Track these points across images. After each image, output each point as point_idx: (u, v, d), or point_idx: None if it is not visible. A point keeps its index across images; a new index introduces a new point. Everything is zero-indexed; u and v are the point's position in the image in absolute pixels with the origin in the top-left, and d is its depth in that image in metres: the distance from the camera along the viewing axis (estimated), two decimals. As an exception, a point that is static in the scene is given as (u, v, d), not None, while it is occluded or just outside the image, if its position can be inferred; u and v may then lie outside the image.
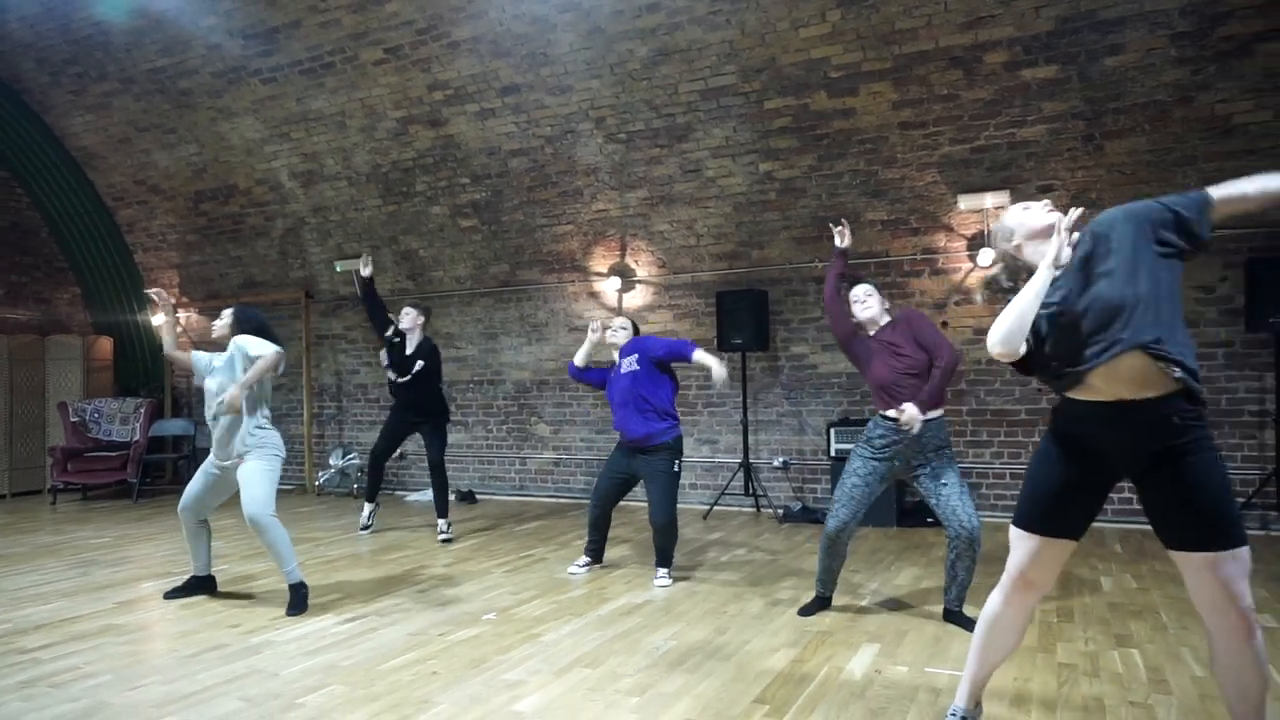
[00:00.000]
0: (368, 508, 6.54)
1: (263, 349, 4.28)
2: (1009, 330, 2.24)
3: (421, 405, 6.24)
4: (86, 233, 9.99)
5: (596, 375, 5.09)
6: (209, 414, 4.38)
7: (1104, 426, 2.22)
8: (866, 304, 3.94)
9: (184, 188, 9.27)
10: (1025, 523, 2.38)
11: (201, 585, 4.60)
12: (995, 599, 2.47)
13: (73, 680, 3.28)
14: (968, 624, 3.65)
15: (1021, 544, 2.39)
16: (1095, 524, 6.08)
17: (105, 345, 9.96)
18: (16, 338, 9.17)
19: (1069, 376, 2.24)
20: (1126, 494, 6.09)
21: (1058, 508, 2.33)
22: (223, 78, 7.93)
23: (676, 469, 4.78)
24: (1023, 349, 2.26)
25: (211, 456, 4.42)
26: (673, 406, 4.84)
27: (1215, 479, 2.14)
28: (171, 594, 4.56)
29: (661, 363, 4.83)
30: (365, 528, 6.48)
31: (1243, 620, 2.09)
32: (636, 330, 5.13)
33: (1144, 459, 2.21)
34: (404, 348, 6.24)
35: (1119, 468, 2.28)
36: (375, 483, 6.49)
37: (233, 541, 6.03)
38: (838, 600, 4.21)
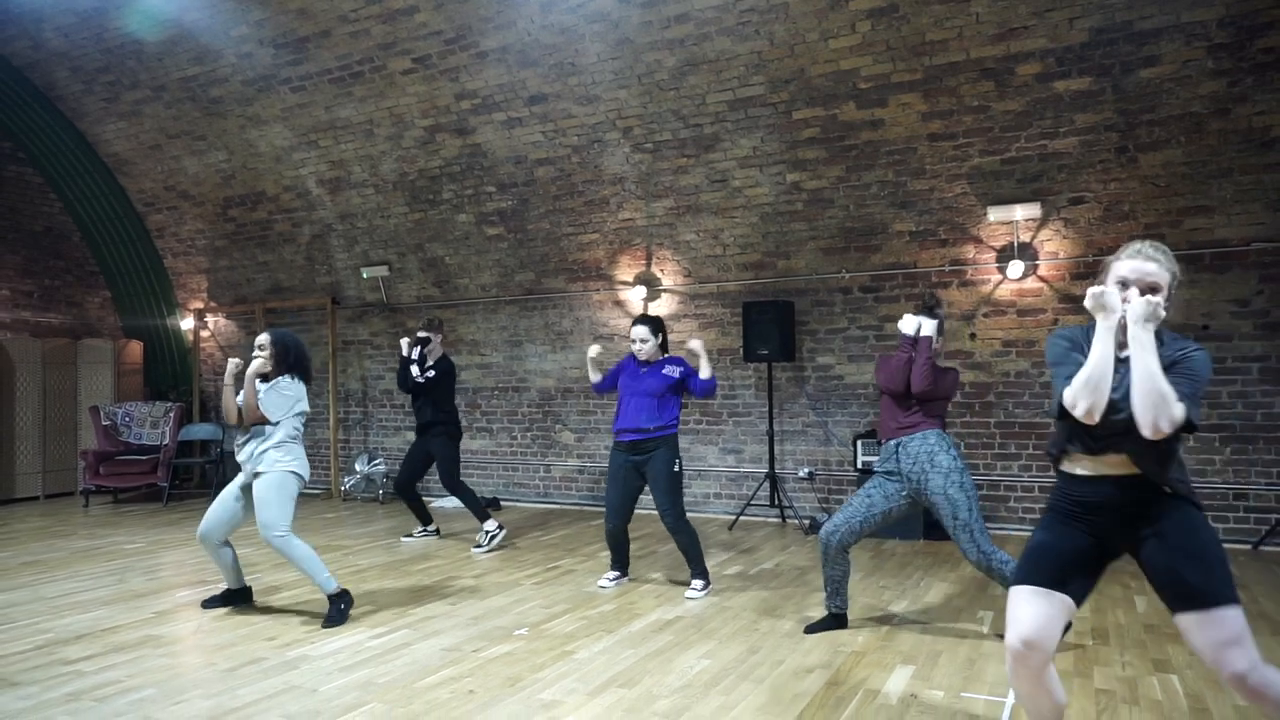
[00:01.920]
0: (421, 529, 6.60)
1: (278, 409, 4.42)
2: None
3: (432, 411, 6.25)
4: (117, 238, 10.13)
5: (613, 380, 5.14)
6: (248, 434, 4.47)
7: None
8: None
9: (213, 194, 9.37)
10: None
11: (236, 596, 4.65)
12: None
13: (116, 694, 3.34)
14: None
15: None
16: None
17: (135, 349, 10.09)
18: (49, 341, 9.30)
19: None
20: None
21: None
22: (253, 86, 8.01)
23: (677, 468, 4.83)
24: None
25: (238, 478, 4.47)
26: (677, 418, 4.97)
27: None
28: (209, 603, 4.62)
29: (682, 387, 4.93)
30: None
31: (1235, 685, 2.09)
32: (659, 327, 5.00)
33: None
34: (424, 358, 6.32)
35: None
36: (417, 508, 6.48)
37: (263, 548, 6.09)
38: (869, 616, 4.21)
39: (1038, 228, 6.33)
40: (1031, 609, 2.28)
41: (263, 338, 4.56)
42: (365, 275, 8.93)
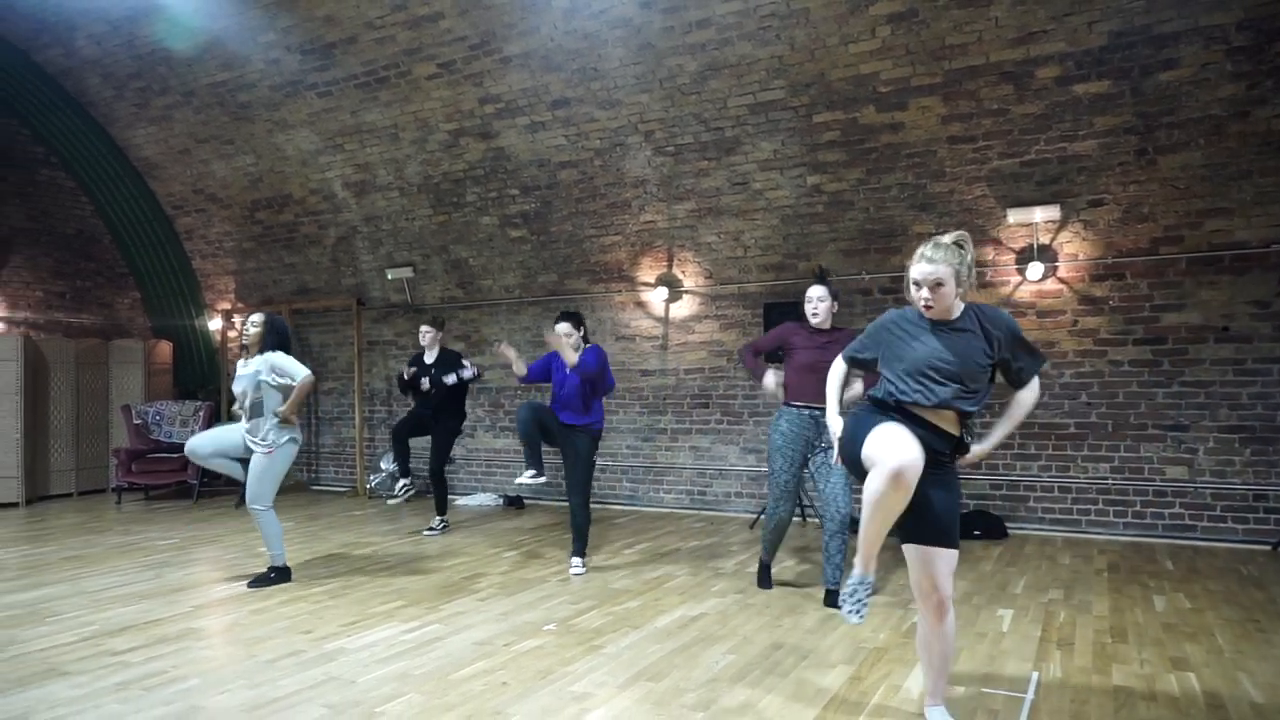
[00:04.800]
0: (403, 482, 6.95)
1: (299, 372, 5.09)
2: None
3: (439, 404, 6.82)
4: (147, 240, 10.33)
5: (542, 372, 5.54)
6: (241, 413, 5.19)
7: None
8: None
9: (240, 197, 9.55)
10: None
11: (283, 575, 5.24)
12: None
13: (163, 684, 3.47)
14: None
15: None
16: (1145, 539, 6.06)
17: (165, 349, 10.28)
18: (81, 341, 9.51)
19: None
20: (1178, 509, 6.08)
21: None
22: (280, 91, 8.16)
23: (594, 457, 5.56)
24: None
25: (245, 432, 5.15)
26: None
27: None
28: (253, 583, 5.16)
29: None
30: (393, 497, 7.42)
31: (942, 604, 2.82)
32: (580, 321, 5.49)
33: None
34: (424, 366, 6.88)
35: None
36: (402, 455, 6.98)
37: (293, 547, 6.24)
38: (890, 615, 4.28)
39: (1057, 230, 6.37)
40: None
41: (256, 317, 5.25)
42: (390, 277, 9.08)
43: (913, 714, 3.07)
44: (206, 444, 5.13)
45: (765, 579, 4.93)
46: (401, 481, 6.91)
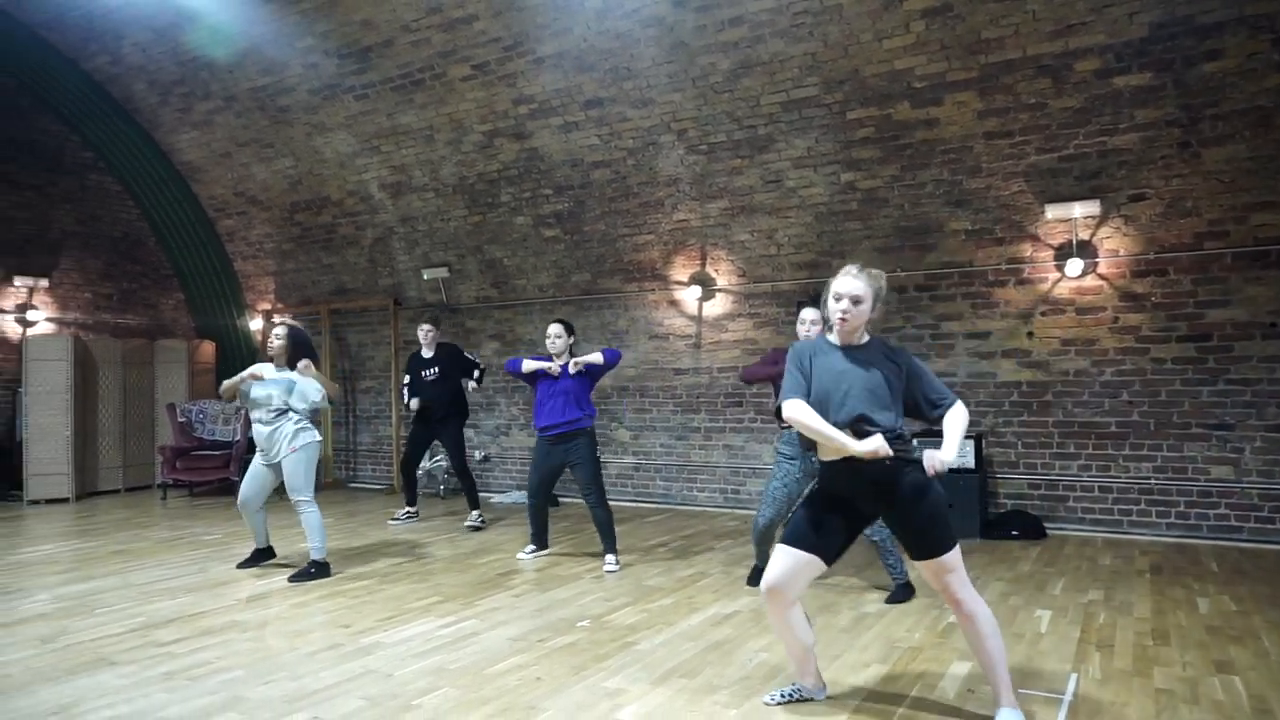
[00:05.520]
0: (406, 510, 7.30)
1: (317, 397, 5.36)
2: None
3: (441, 401, 7.01)
4: (190, 242, 10.57)
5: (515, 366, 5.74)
6: (254, 414, 5.31)
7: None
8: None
9: (280, 199, 9.72)
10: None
11: (263, 555, 5.61)
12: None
13: (208, 674, 3.56)
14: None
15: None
16: (1189, 540, 5.96)
17: (208, 349, 10.51)
18: (128, 342, 9.75)
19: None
20: (1224, 509, 5.95)
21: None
22: (318, 94, 8.30)
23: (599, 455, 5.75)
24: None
25: (258, 456, 5.35)
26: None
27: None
28: (243, 565, 5.56)
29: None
30: (395, 519, 7.36)
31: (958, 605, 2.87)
32: (572, 329, 5.79)
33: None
34: (423, 360, 7.08)
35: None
36: (410, 486, 7.30)
37: (331, 543, 6.34)
38: (925, 614, 4.25)
39: (1097, 225, 6.27)
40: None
41: (280, 330, 5.45)
42: (426, 277, 9.19)
43: (949, 714, 3.05)
44: (255, 498, 5.40)
45: (756, 579, 4.89)
46: (407, 510, 7.29)
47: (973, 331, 6.76)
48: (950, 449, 2.84)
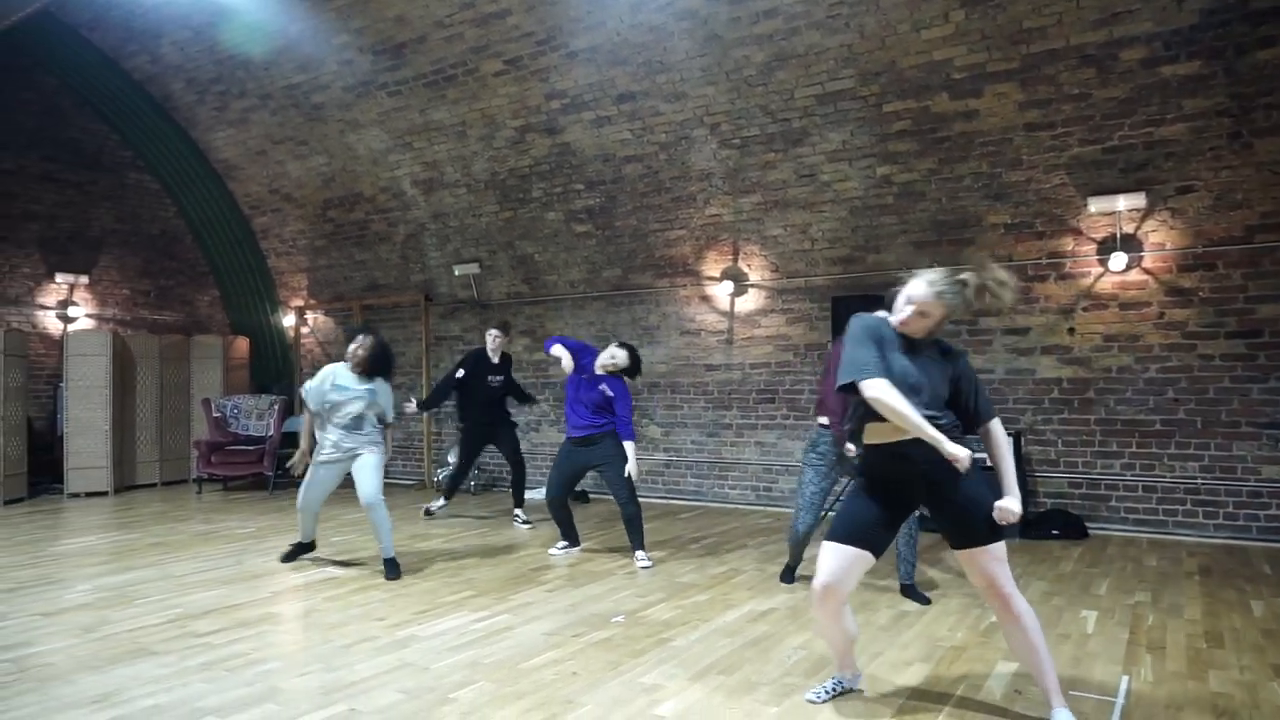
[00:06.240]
0: (443, 500, 7.23)
1: (391, 414, 5.44)
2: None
3: (501, 408, 7.09)
4: (226, 239, 10.69)
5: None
6: (339, 420, 5.21)
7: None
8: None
9: (313, 196, 9.79)
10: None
11: (305, 549, 5.56)
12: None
13: (245, 665, 3.56)
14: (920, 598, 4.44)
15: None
16: (1238, 542, 5.80)
17: (242, 345, 10.61)
18: (165, 337, 9.88)
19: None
20: (1275, 510, 5.78)
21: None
22: (352, 91, 8.34)
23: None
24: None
25: (332, 447, 5.21)
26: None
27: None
28: (286, 558, 5.50)
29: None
30: (429, 512, 7.29)
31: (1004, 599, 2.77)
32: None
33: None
34: (491, 365, 7.02)
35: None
36: (457, 485, 7.28)
37: (364, 538, 6.36)
38: (967, 614, 4.16)
39: (1142, 218, 6.12)
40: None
41: (363, 339, 5.29)
42: (457, 273, 9.21)
43: (995, 713, 2.97)
44: (318, 501, 5.34)
45: (789, 577, 4.92)
46: (444, 501, 7.24)
47: (1011, 327, 6.63)
48: (1014, 490, 2.78)
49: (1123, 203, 6.03)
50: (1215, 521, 5.95)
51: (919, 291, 2.76)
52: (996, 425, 2.88)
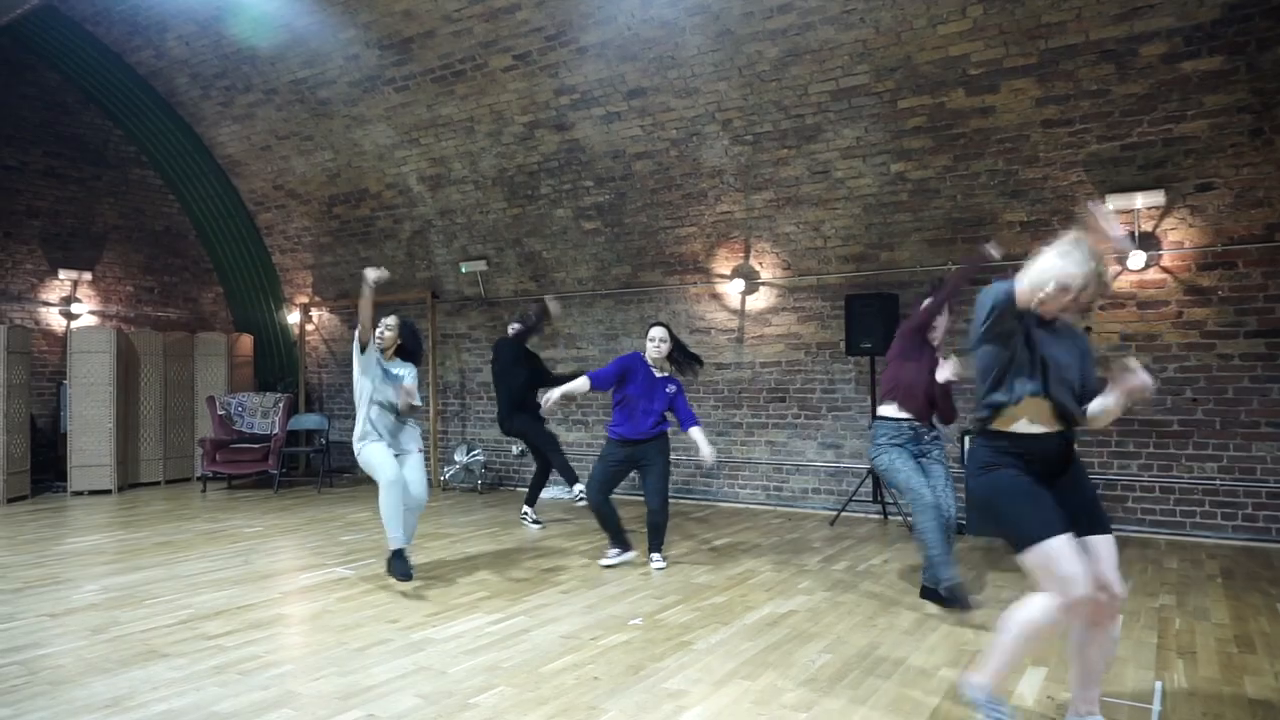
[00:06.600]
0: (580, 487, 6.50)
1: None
2: None
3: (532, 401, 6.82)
4: (230, 236, 10.60)
5: (612, 379, 5.42)
6: (379, 399, 4.94)
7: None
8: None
9: (319, 192, 9.71)
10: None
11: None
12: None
13: (258, 668, 3.50)
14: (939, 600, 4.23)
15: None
16: (1259, 544, 5.72)
17: (246, 342, 10.54)
18: (169, 334, 9.80)
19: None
20: (1294, 512, 5.71)
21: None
22: (358, 87, 8.26)
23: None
24: None
25: (388, 445, 4.92)
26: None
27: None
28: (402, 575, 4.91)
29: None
30: (536, 523, 6.87)
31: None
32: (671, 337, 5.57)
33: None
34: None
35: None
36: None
37: (373, 537, 6.30)
38: (996, 616, 4.09)
39: (1161, 216, 6.05)
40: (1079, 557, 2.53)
41: (390, 320, 5.15)
42: (464, 270, 9.13)
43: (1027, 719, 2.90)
44: (418, 486, 4.99)
45: (964, 599, 4.13)
46: (579, 486, 6.48)
47: (1027, 326, 6.55)
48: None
49: (1141, 200, 5.95)
50: (1234, 523, 5.89)
51: (1082, 278, 2.48)
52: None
